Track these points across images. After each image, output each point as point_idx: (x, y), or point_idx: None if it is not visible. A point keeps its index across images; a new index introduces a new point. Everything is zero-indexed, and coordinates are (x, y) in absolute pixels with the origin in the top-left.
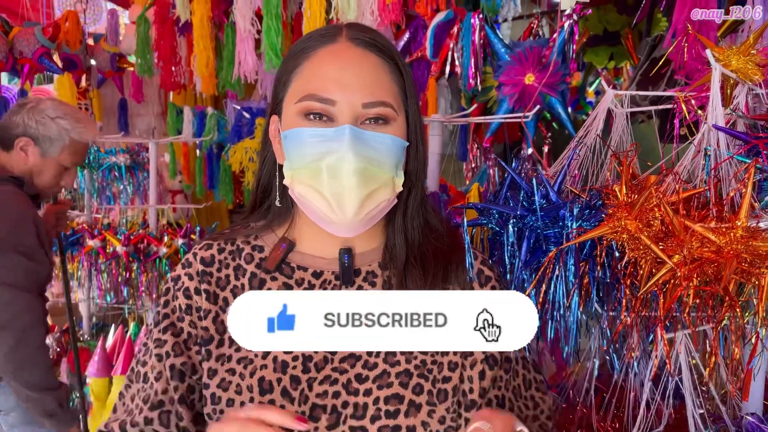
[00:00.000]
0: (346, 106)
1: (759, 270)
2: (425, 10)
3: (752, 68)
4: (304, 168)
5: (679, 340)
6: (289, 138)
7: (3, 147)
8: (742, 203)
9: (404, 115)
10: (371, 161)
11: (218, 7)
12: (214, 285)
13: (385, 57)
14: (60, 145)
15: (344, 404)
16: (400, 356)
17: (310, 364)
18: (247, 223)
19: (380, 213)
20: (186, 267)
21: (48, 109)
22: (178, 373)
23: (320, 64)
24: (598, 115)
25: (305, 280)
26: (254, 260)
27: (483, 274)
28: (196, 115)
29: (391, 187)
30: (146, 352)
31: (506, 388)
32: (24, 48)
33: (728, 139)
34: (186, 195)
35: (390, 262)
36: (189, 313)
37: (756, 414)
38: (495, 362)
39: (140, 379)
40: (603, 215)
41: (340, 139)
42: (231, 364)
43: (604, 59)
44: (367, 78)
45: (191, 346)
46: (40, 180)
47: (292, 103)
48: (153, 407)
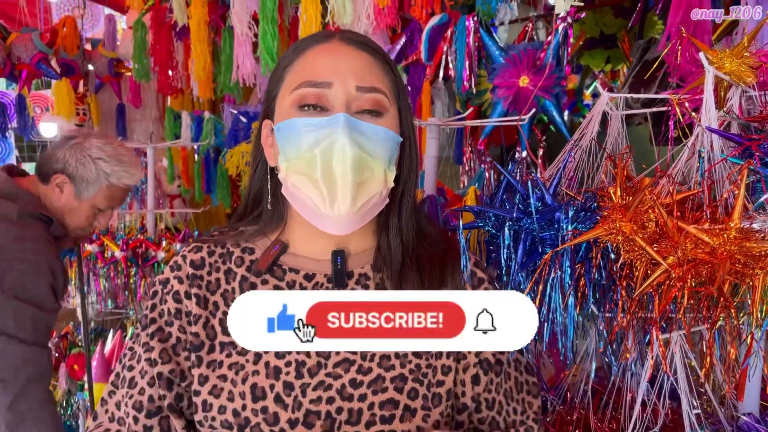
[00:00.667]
0: (340, 90)
1: (753, 271)
2: (420, 13)
3: (745, 70)
4: (299, 158)
5: (675, 340)
6: (283, 129)
7: (42, 179)
8: (735, 205)
9: (397, 110)
10: (365, 149)
11: (215, 11)
12: (204, 289)
13: (377, 56)
14: (96, 188)
15: (338, 410)
16: (394, 360)
17: (304, 370)
18: (236, 227)
19: (373, 209)
20: (175, 270)
21: (92, 149)
22: (166, 381)
23: (314, 57)
24: (593, 118)
25: (297, 283)
26: (245, 263)
27: (476, 276)
28: (194, 119)
29: (383, 180)
30: (133, 357)
31: (497, 391)
32: (22, 53)
33: (722, 141)
34: (184, 199)
35: (384, 264)
36: (178, 317)
37: (752, 414)
38: (489, 366)
39: (126, 385)
40: (598, 217)
41: (335, 126)
42: (222, 370)
43: (601, 62)
44: (360, 66)
45: (180, 352)
46: (72, 220)
47: (286, 95)
48: (150, 414)
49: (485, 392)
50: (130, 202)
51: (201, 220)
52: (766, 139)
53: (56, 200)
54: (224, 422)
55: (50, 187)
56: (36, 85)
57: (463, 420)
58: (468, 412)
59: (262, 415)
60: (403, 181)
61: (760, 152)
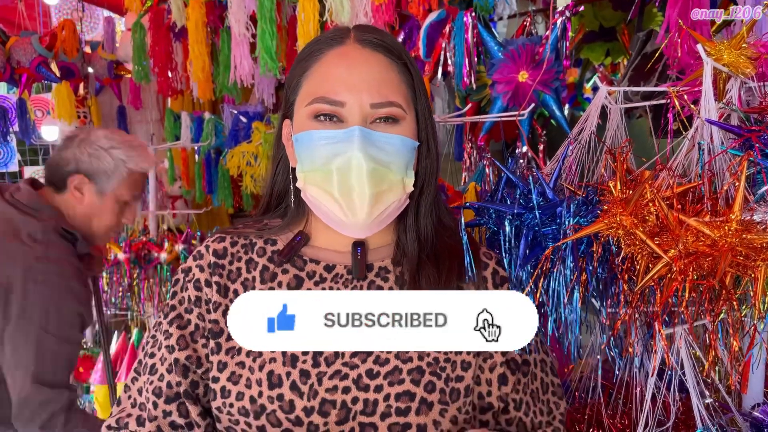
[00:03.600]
0: (355, 107)
1: (754, 263)
2: (418, 10)
3: (744, 62)
4: (315, 171)
5: (679, 334)
6: (300, 141)
7: (56, 188)
8: (736, 196)
9: (414, 114)
10: (380, 162)
11: (213, 12)
12: (225, 277)
13: (393, 57)
14: (117, 179)
15: (354, 400)
16: (412, 353)
17: (320, 359)
18: (261, 219)
19: (392, 214)
20: (198, 258)
21: (101, 140)
22: (182, 367)
23: (329, 66)
24: (592, 112)
25: (316, 273)
26: (266, 254)
27: (498, 274)
28: (194, 120)
29: (401, 188)
30: (154, 344)
31: (524, 392)
32: (21, 57)
33: (722, 133)
34: (186, 200)
35: (402, 259)
36: (198, 305)
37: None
38: (516, 366)
39: (147, 371)
40: (599, 211)
41: (350, 141)
42: (240, 356)
43: (601, 55)
44: (376, 78)
45: (198, 339)
46: (100, 222)
47: (302, 106)
48: (169, 400)
49: (513, 392)
50: None
51: (203, 220)
52: (765, 130)
53: (78, 205)
54: (241, 409)
55: (68, 194)
56: (37, 88)
57: (487, 419)
58: (493, 411)
59: (278, 402)
60: (421, 181)
61: (760, 143)
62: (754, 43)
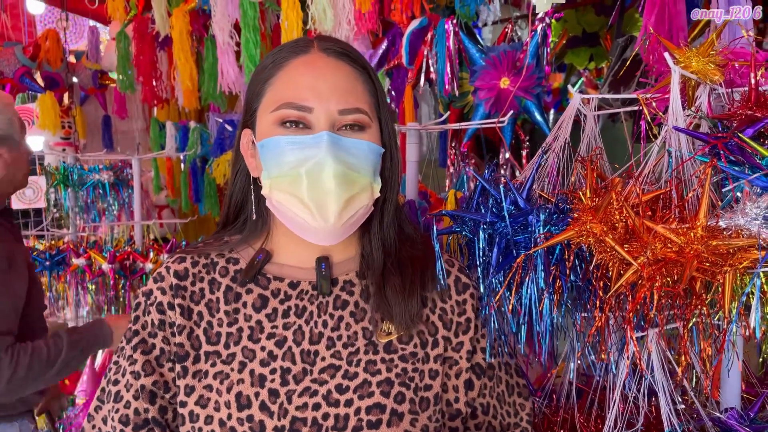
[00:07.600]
0: (322, 114)
1: (721, 269)
2: (401, 17)
3: (712, 69)
4: (282, 176)
5: (650, 338)
6: (266, 147)
7: None
8: (701, 203)
9: (378, 123)
10: (350, 166)
11: (197, 21)
12: (188, 299)
13: (357, 66)
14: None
15: (325, 416)
16: (380, 365)
17: (289, 377)
18: (221, 237)
19: (358, 220)
20: (158, 281)
21: None
22: (149, 393)
23: (294, 73)
24: (566, 120)
25: (281, 291)
26: (229, 273)
27: (460, 281)
28: (179, 129)
29: (369, 193)
30: (118, 371)
31: (491, 396)
32: (5, 68)
33: (690, 140)
34: (173, 210)
35: (367, 271)
36: (162, 328)
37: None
38: (481, 370)
39: (112, 399)
40: (570, 219)
41: (319, 145)
42: (208, 379)
43: (584, 60)
44: (342, 86)
45: (164, 363)
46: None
47: (267, 112)
48: (137, 427)
49: (480, 397)
50: (118, 214)
51: (190, 230)
52: (731, 137)
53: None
54: None
55: None
56: (22, 98)
57: (456, 426)
58: (462, 417)
59: (248, 423)
60: (385, 188)
61: (725, 150)
62: (722, 50)
